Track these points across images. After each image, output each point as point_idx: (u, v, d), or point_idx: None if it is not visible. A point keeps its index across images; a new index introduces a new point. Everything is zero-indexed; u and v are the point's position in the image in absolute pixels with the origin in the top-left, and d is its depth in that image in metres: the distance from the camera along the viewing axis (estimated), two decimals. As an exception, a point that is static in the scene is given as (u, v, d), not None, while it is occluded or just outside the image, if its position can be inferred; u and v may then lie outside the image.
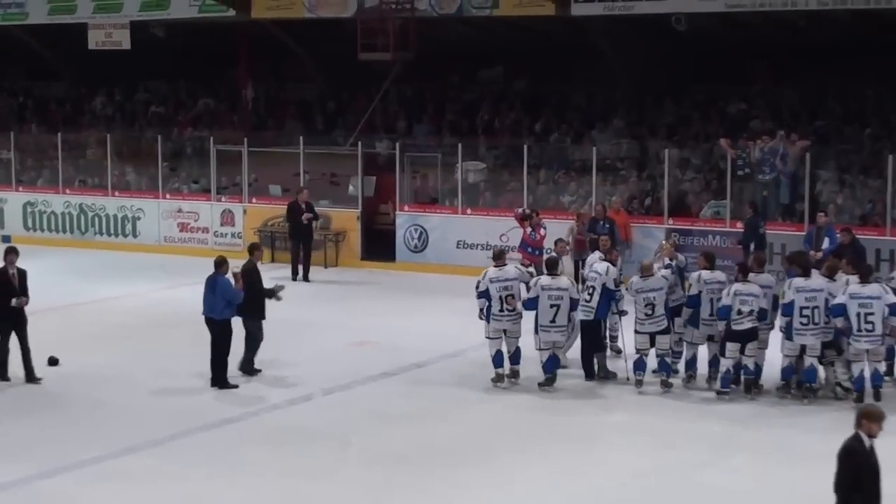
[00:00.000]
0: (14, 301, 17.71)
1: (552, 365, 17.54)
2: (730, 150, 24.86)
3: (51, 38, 34.35)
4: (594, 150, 26.17)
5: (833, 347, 17.02)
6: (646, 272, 17.63)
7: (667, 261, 18.26)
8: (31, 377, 17.85)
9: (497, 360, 17.71)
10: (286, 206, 26.99)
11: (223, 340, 17.57)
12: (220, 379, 17.58)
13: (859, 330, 16.54)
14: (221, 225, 29.47)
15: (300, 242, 26.36)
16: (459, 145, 27.17)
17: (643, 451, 15.10)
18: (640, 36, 27.74)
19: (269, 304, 18.46)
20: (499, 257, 18.11)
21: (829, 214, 23.04)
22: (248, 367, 18.26)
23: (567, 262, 19.82)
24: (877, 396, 16.64)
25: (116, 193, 30.94)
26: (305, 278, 25.97)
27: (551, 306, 17.32)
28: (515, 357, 17.86)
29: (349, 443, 15.38)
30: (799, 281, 16.94)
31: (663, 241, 19.28)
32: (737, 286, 16.93)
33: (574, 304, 17.50)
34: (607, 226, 23.39)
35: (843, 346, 16.97)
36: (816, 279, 17.00)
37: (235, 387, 17.61)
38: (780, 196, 24.61)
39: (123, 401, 17.03)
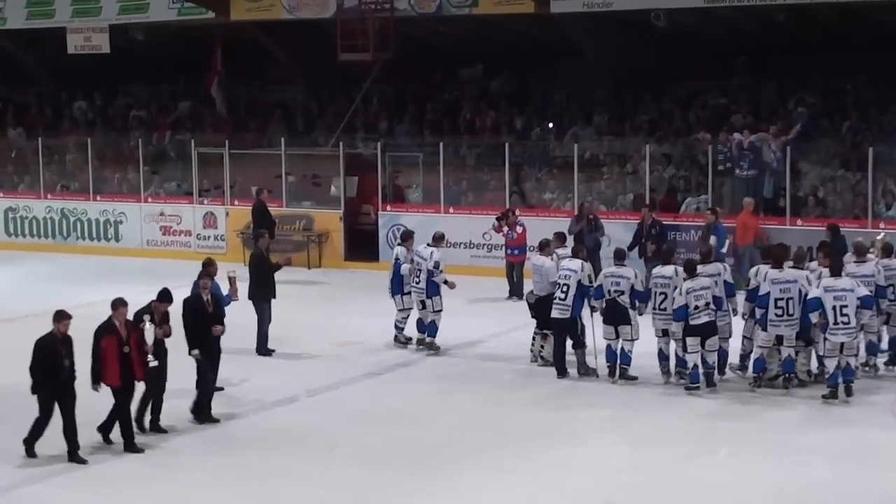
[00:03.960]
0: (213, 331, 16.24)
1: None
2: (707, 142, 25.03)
3: (29, 42, 34.27)
4: (575, 147, 26.24)
5: (801, 338, 17.13)
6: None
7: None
8: (207, 415, 16.32)
9: (419, 325, 19.95)
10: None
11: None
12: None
13: (835, 323, 16.58)
14: (204, 228, 29.45)
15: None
16: (441, 144, 27.21)
17: (627, 446, 15.17)
18: (620, 32, 27.80)
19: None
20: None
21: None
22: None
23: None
24: (848, 392, 16.70)
25: (98, 198, 30.91)
26: None
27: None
28: (425, 328, 19.83)
29: (335, 444, 15.40)
30: (773, 273, 17.07)
31: (878, 237, 19.52)
32: (687, 284, 17.07)
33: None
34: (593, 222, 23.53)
35: (812, 338, 17.09)
36: (790, 271, 17.09)
37: (220, 389, 17.59)
38: (764, 190, 24.71)
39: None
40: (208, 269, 17.67)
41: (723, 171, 25.02)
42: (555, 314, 18.04)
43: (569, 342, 18.16)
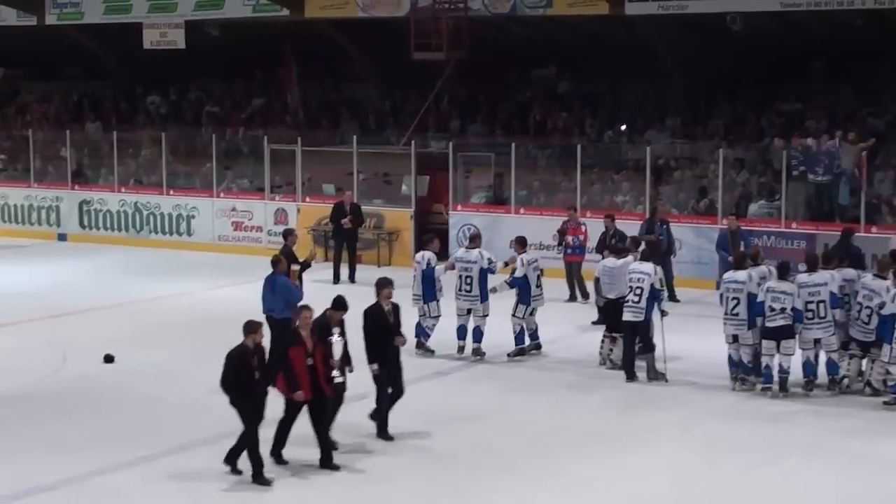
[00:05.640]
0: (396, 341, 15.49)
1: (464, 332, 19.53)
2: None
3: (106, 37, 34.62)
4: (648, 150, 26.12)
5: (878, 346, 16.97)
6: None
7: None
8: (382, 431, 15.54)
9: (460, 332, 19.44)
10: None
11: (281, 339, 17.54)
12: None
13: None
14: (275, 224, 29.60)
15: (342, 244, 26.31)
16: (513, 145, 27.17)
17: (693, 452, 15.06)
18: (695, 35, 27.63)
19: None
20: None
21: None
22: None
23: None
24: None
25: (171, 192, 31.18)
26: (351, 279, 25.79)
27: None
28: (464, 335, 19.49)
29: (403, 443, 15.40)
30: (801, 277, 17.19)
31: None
32: (770, 283, 17.12)
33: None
34: (665, 226, 23.35)
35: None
36: (821, 274, 17.14)
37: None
38: (839, 197, 24.45)
39: (178, 399, 17.14)
40: (277, 266, 17.79)
41: (797, 175, 24.79)
42: (627, 317, 17.99)
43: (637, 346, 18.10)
